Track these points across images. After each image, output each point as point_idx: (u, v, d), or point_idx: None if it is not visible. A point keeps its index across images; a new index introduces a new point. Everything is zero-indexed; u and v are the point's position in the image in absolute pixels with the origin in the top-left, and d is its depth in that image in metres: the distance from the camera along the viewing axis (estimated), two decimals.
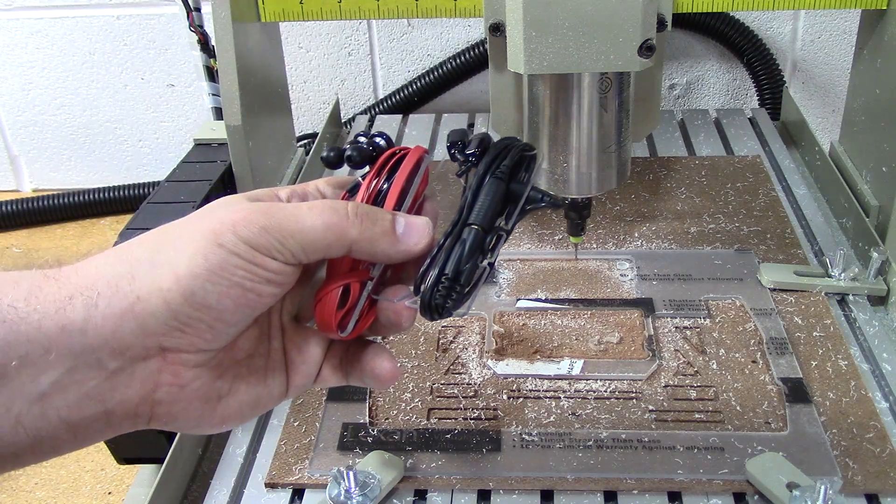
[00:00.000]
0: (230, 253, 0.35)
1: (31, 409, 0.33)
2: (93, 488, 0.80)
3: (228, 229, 0.35)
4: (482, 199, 0.40)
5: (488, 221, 0.40)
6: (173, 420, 0.37)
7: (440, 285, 0.38)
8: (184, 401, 0.37)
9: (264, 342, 0.40)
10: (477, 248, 0.39)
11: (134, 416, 0.36)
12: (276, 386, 0.41)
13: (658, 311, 0.67)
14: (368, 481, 0.52)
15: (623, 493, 0.53)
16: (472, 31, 1.10)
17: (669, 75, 1.13)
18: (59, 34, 1.14)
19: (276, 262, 0.36)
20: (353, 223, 0.37)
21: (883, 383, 0.61)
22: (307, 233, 0.36)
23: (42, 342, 0.33)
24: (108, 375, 0.34)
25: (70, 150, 1.22)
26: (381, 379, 0.42)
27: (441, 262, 0.38)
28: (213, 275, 0.34)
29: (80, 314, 0.33)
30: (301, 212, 0.37)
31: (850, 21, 1.06)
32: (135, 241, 0.36)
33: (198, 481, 0.58)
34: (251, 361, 0.40)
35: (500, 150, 0.42)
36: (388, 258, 0.39)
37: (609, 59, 0.55)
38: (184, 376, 0.36)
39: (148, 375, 0.35)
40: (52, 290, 0.34)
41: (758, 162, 0.88)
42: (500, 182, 0.41)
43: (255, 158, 0.80)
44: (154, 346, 0.35)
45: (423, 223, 0.40)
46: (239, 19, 0.76)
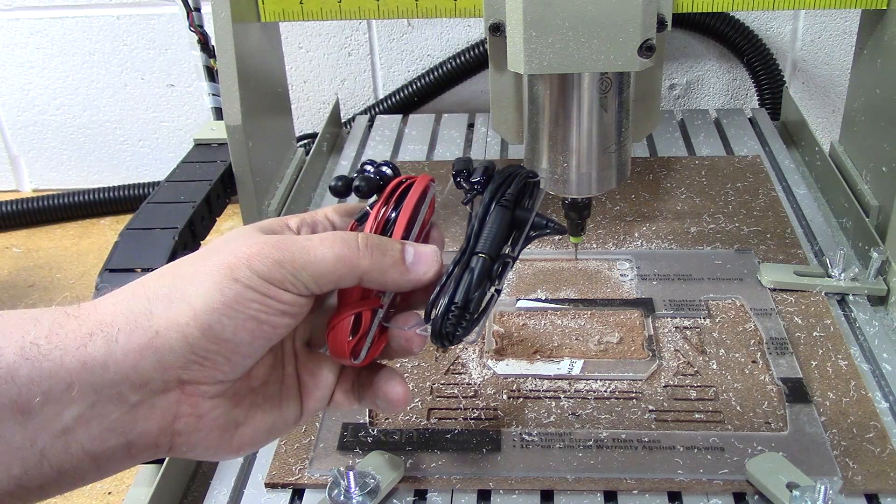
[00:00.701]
0: (245, 287, 0.36)
1: (55, 444, 0.34)
2: (93, 488, 0.80)
3: (243, 263, 0.36)
4: (488, 228, 0.41)
5: (495, 249, 0.41)
6: (192, 449, 0.38)
7: (450, 314, 0.39)
8: (203, 430, 0.38)
9: (278, 369, 0.42)
10: (485, 277, 0.40)
11: (154, 446, 0.37)
12: (290, 411, 0.42)
13: (658, 311, 0.67)
14: (368, 481, 0.52)
15: (623, 493, 0.53)
16: (472, 31, 1.11)
17: (669, 75, 1.13)
18: (59, 34, 1.14)
19: (290, 294, 0.37)
20: (363, 255, 0.38)
21: (883, 383, 0.61)
22: (319, 265, 0.37)
23: (64, 378, 0.33)
24: (129, 408, 0.35)
25: (70, 150, 1.22)
26: (394, 403, 0.43)
27: (450, 291, 0.40)
28: (229, 308, 0.36)
29: (100, 350, 0.34)
30: (313, 244, 0.38)
31: (850, 21, 1.06)
32: (152, 277, 0.38)
33: (198, 481, 0.58)
34: (266, 389, 0.41)
35: (505, 177, 0.43)
36: (398, 287, 0.40)
37: (609, 59, 0.55)
38: (202, 407, 0.37)
39: (168, 407, 0.36)
40: (72, 327, 0.34)
41: (758, 162, 0.88)
42: (506, 210, 0.42)
43: (255, 158, 0.80)
44: (173, 380, 0.36)
45: (432, 252, 0.41)
46: (239, 19, 0.76)
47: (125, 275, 0.63)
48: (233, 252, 0.37)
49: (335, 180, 0.44)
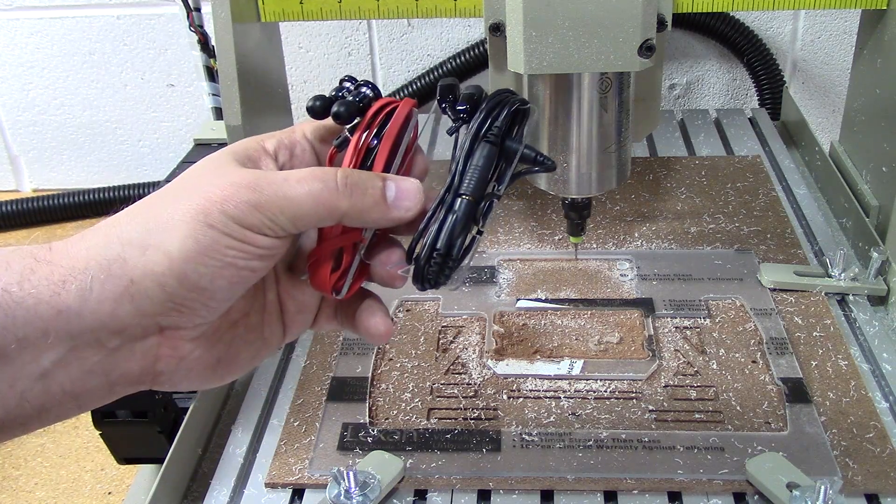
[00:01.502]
0: (221, 233, 0.35)
1: (35, 386, 0.34)
2: (93, 488, 0.80)
3: (217, 208, 0.35)
4: (474, 166, 0.39)
5: (480, 189, 0.39)
6: (176, 385, 0.38)
7: (433, 260, 0.38)
8: (184, 369, 0.38)
9: (259, 297, 0.41)
10: (468, 219, 0.39)
11: (137, 383, 0.37)
12: (273, 336, 0.41)
13: (658, 311, 0.67)
14: (368, 481, 0.52)
15: (623, 493, 0.53)
16: (472, 31, 1.11)
17: (669, 75, 1.13)
18: (59, 34, 1.14)
19: (267, 238, 0.36)
20: (343, 195, 0.37)
21: (883, 383, 0.61)
22: (297, 207, 0.36)
23: (40, 325, 0.33)
24: (108, 352, 0.35)
25: (70, 150, 1.22)
26: (376, 336, 0.42)
27: (432, 235, 0.38)
28: (205, 257, 0.34)
29: (74, 298, 0.33)
30: (290, 185, 0.36)
31: (850, 21, 1.06)
32: (123, 217, 0.36)
33: (198, 481, 0.58)
34: (247, 320, 0.40)
35: (493, 106, 0.40)
36: (379, 225, 0.39)
37: (609, 59, 0.55)
38: (183, 349, 0.37)
39: (148, 350, 0.36)
40: (44, 272, 0.34)
41: (758, 162, 0.87)
42: (493, 146, 0.39)
43: None
44: (152, 325, 0.36)
45: (415, 188, 0.39)
46: (239, 19, 0.76)
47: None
48: (205, 194, 0.35)
49: (313, 100, 0.41)
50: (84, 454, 0.84)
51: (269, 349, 0.41)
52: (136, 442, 0.64)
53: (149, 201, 0.37)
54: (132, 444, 0.65)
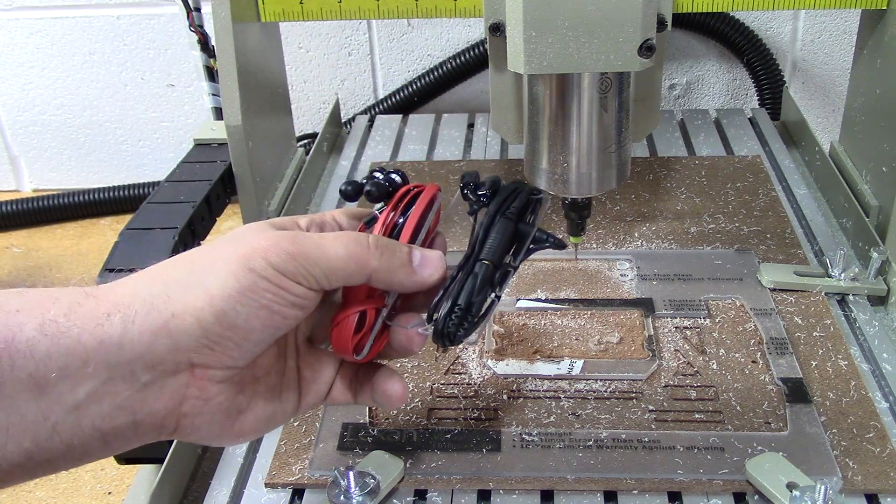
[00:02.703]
0: (260, 277, 0.37)
1: (67, 419, 0.35)
2: (93, 488, 0.80)
3: (259, 255, 0.38)
4: (493, 237, 0.43)
5: (498, 257, 0.43)
6: (195, 432, 0.39)
7: (453, 315, 0.41)
8: (207, 414, 0.39)
9: (281, 361, 0.43)
10: (487, 282, 0.42)
11: (160, 426, 0.38)
12: (289, 402, 0.43)
13: (658, 311, 0.67)
14: (368, 481, 0.52)
15: (623, 493, 0.53)
16: (472, 31, 1.11)
17: (669, 75, 1.13)
18: (59, 34, 1.14)
19: (302, 287, 0.38)
20: (373, 254, 0.40)
21: (883, 383, 0.61)
22: (331, 261, 0.39)
23: (81, 355, 0.35)
24: (140, 388, 0.36)
25: (70, 150, 1.22)
26: (392, 400, 0.44)
27: (454, 293, 0.42)
28: (243, 296, 0.37)
29: (117, 329, 0.35)
30: (326, 242, 0.39)
31: (850, 21, 1.06)
32: (169, 263, 0.39)
33: (198, 481, 0.58)
34: (268, 379, 0.42)
35: (510, 192, 0.45)
36: (404, 288, 0.42)
37: (609, 59, 0.55)
38: (209, 391, 0.38)
39: (176, 389, 0.37)
40: (90, 306, 0.36)
41: (758, 162, 0.88)
42: (510, 222, 0.44)
43: (255, 158, 0.80)
44: (184, 362, 0.37)
45: (437, 257, 0.43)
46: (239, 19, 0.76)
47: (125, 275, 0.63)
48: (249, 243, 0.38)
49: (345, 185, 0.46)
50: None
51: (283, 415, 0.43)
52: None
53: (193, 251, 0.40)
54: None
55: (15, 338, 0.34)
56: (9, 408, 0.34)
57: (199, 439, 0.41)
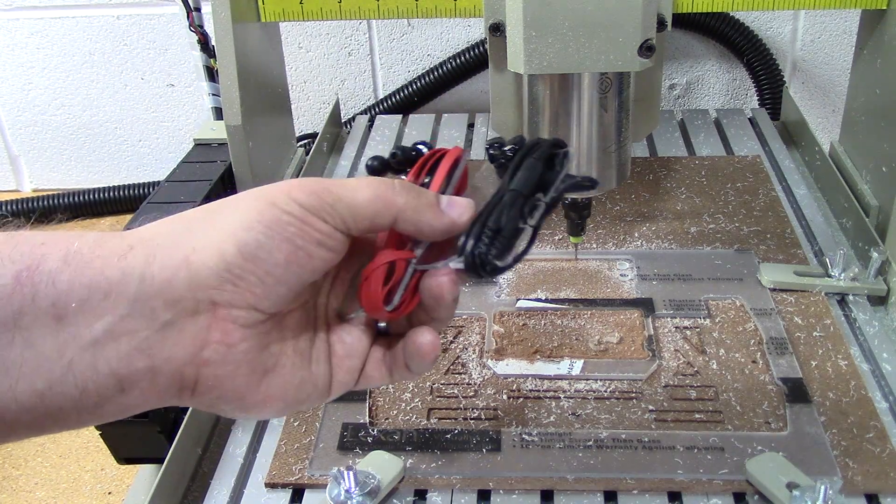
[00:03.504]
0: (283, 211, 0.36)
1: (83, 356, 0.34)
2: (93, 488, 0.80)
3: (282, 192, 0.37)
4: (521, 173, 0.41)
5: (526, 188, 0.41)
6: (219, 386, 0.37)
7: (483, 235, 0.39)
8: (231, 364, 0.37)
9: (310, 329, 0.41)
10: (517, 206, 0.40)
11: (180, 378, 0.36)
12: (320, 376, 0.41)
13: (658, 311, 0.67)
14: (368, 481, 0.52)
15: (623, 493, 0.53)
16: (472, 31, 1.11)
17: (669, 75, 1.13)
18: (59, 34, 1.14)
19: (327, 224, 0.37)
20: (399, 193, 0.39)
21: (883, 383, 0.61)
22: (356, 198, 0.38)
23: (103, 286, 0.34)
24: (159, 327, 0.35)
25: (70, 150, 1.22)
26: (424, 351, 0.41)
27: (483, 217, 0.39)
28: (265, 227, 0.36)
29: (139, 262, 0.35)
30: (351, 182, 0.39)
31: (850, 21, 1.06)
32: (192, 210, 0.38)
33: (198, 481, 0.58)
34: (297, 343, 0.40)
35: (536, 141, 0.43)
36: (433, 230, 0.40)
37: (609, 59, 0.55)
38: (233, 335, 0.37)
39: (197, 332, 0.36)
40: (115, 241, 0.35)
41: (758, 162, 0.88)
42: (538, 162, 0.42)
43: (255, 158, 0.80)
44: (205, 300, 0.36)
45: (466, 200, 0.41)
46: (239, 19, 0.76)
47: None
48: (272, 186, 0.38)
49: (371, 160, 0.44)
50: (84, 454, 0.84)
51: (314, 389, 0.41)
52: (136, 442, 0.64)
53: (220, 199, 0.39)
54: (132, 444, 0.65)
55: (39, 267, 0.33)
56: (25, 340, 0.33)
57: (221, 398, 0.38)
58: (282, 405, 0.40)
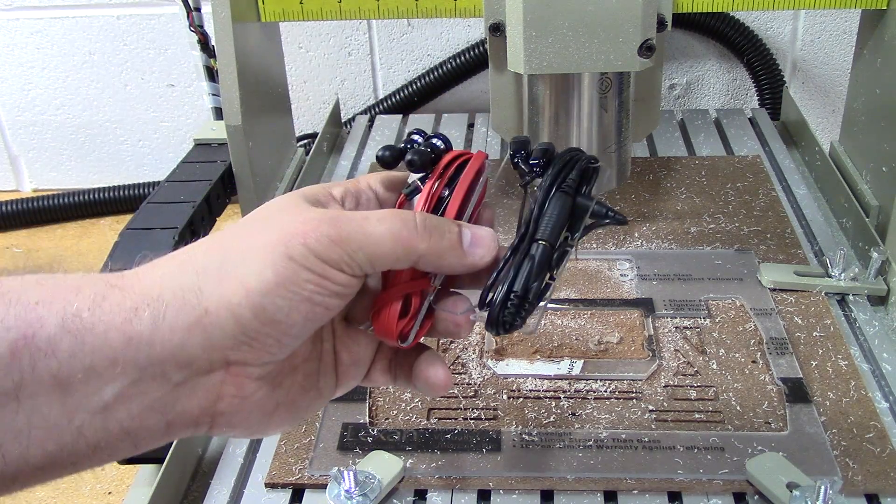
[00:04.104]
0: (300, 267, 0.34)
1: (94, 421, 0.33)
2: (93, 488, 0.80)
3: (299, 241, 0.34)
4: (549, 214, 0.39)
5: (555, 237, 0.39)
6: (231, 429, 0.37)
7: (510, 302, 0.38)
8: (245, 411, 0.36)
9: (318, 345, 0.40)
10: (545, 265, 0.39)
11: (194, 425, 0.36)
12: (327, 388, 0.40)
13: (658, 311, 0.67)
14: (368, 481, 0.52)
15: (623, 493, 0.53)
16: (472, 31, 1.11)
17: (669, 75, 1.13)
18: (59, 34, 1.14)
19: (345, 275, 0.35)
20: (422, 237, 0.37)
21: (883, 383, 0.61)
22: (376, 246, 0.36)
23: (108, 354, 0.32)
24: (171, 388, 0.34)
25: (70, 150, 1.22)
26: (435, 386, 0.41)
27: (510, 278, 0.38)
28: (283, 289, 0.34)
29: (147, 326, 0.33)
30: (370, 224, 0.36)
31: (850, 21, 1.06)
32: (199, 250, 0.36)
33: (198, 481, 0.58)
34: (305, 366, 0.39)
35: (566, 162, 0.41)
36: (454, 270, 0.39)
37: (609, 59, 0.55)
38: (246, 388, 0.36)
39: (211, 388, 0.35)
40: (117, 299, 0.33)
41: (758, 162, 0.88)
42: (567, 196, 0.40)
43: (255, 158, 0.80)
44: (220, 360, 0.34)
45: (490, 236, 0.39)
46: (239, 19, 0.76)
47: None
48: (286, 227, 0.35)
49: (383, 150, 0.42)
50: None
51: (321, 400, 0.41)
52: None
53: (226, 233, 0.36)
54: None
55: (36, 335, 0.31)
56: (31, 409, 0.31)
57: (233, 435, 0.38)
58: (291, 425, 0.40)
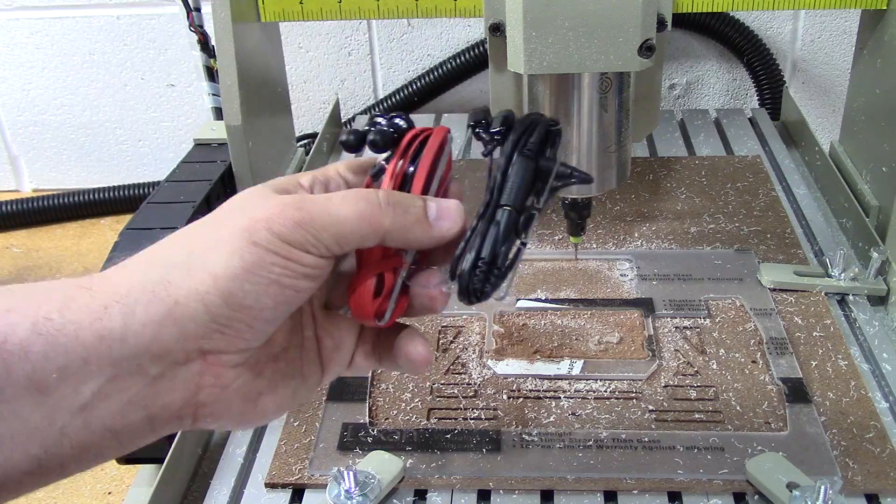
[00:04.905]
0: (266, 251, 0.34)
1: (75, 420, 0.33)
2: (93, 488, 0.80)
3: (262, 226, 0.35)
4: (512, 179, 0.39)
5: (520, 201, 0.39)
6: (216, 420, 0.37)
7: (478, 269, 0.38)
8: (226, 400, 0.37)
9: (298, 333, 0.40)
10: (511, 229, 0.39)
11: (177, 418, 0.36)
12: (312, 376, 0.41)
13: (658, 311, 0.67)
14: (368, 481, 0.52)
15: (623, 493, 0.53)
16: (472, 31, 1.10)
17: (669, 75, 1.13)
18: (59, 34, 1.14)
19: (312, 256, 0.36)
20: (385, 213, 0.37)
21: (883, 383, 0.61)
22: (341, 225, 0.36)
23: (80, 353, 0.32)
24: (150, 381, 0.34)
25: (70, 150, 1.22)
26: (416, 363, 0.41)
27: (476, 245, 0.38)
28: (250, 274, 0.34)
29: (117, 323, 0.33)
30: (333, 204, 0.36)
31: (850, 21, 1.06)
32: (165, 244, 0.36)
33: (198, 481, 0.58)
34: (287, 354, 0.40)
35: (526, 126, 0.41)
36: (422, 245, 0.39)
37: (609, 59, 0.55)
38: (225, 377, 0.36)
39: (190, 378, 0.35)
40: (86, 300, 0.33)
41: (758, 162, 0.88)
42: (529, 160, 0.40)
43: (255, 158, 0.80)
44: (194, 350, 0.35)
45: (455, 207, 0.39)
46: (239, 19, 0.76)
47: None
48: (250, 214, 0.35)
49: (347, 134, 0.41)
50: None
51: (307, 389, 0.41)
52: None
53: (192, 227, 0.37)
54: None
55: (7, 340, 0.31)
56: (11, 414, 0.31)
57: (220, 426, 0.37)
58: (278, 414, 0.40)
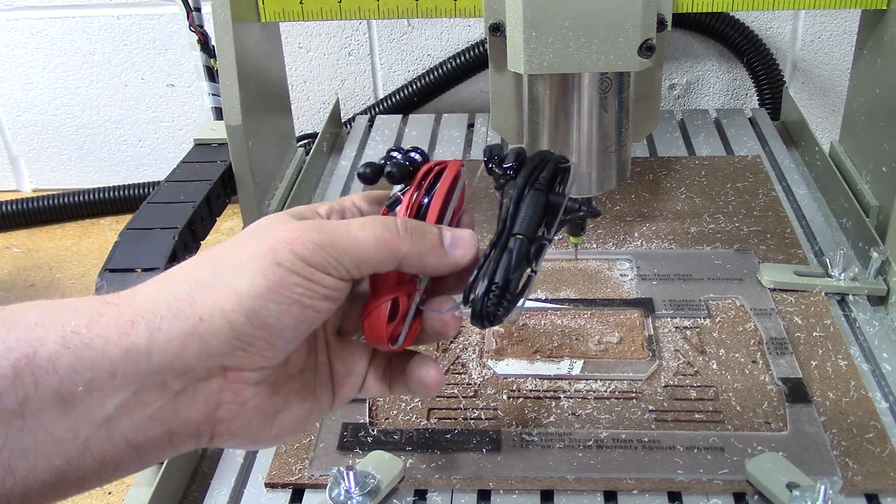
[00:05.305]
0: (289, 271, 0.36)
1: (98, 434, 0.34)
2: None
3: (285, 247, 0.36)
4: (525, 211, 0.41)
5: (532, 231, 0.41)
6: (233, 437, 0.38)
7: (491, 294, 0.39)
8: (244, 418, 0.38)
9: (312, 357, 0.42)
10: (523, 257, 0.40)
11: (196, 435, 0.37)
12: (324, 399, 0.42)
13: (658, 311, 0.67)
14: (368, 481, 0.52)
15: (623, 493, 0.53)
16: (472, 31, 1.10)
17: (669, 75, 1.13)
18: (59, 34, 1.14)
19: (332, 278, 0.37)
20: (403, 238, 0.38)
21: (883, 383, 0.61)
22: (361, 249, 0.38)
23: (107, 367, 0.33)
24: (172, 396, 0.35)
25: (70, 150, 1.22)
26: (429, 387, 0.43)
27: (490, 271, 0.40)
28: (273, 293, 0.36)
29: (143, 338, 0.34)
30: (353, 229, 0.38)
31: (850, 21, 1.06)
32: (190, 264, 0.37)
33: (198, 481, 0.58)
34: (302, 376, 0.41)
35: (538, 162, 0.43)
36: (436, 271, 0.40)
37: (609, 59, 0.55)
38: (244, 394, 0.37)
39: (210, 395, 0.36)
40: (112, 315, 0.34)
41: (758, 162, 0.88)
42: (541, 193, 0.42)
43: (255, 158, 0.80)
44: (216, 366, 0.36)
45: (469, 236, 0.41)
46: (239, 19, 0.76)
47: (125, 275, 0.63)
48: (273, 236, 0.37)
49: (364, 167, 0.44)
50: None
51: (320, 411, 0.42)
52: None
53: (216, 248, 0.38)
54: None
55: (36, 353, 0.32)
56: (36, 426, 0.32)
57: (236, 445, 0.39)
58: (291, 435, 0.41)
